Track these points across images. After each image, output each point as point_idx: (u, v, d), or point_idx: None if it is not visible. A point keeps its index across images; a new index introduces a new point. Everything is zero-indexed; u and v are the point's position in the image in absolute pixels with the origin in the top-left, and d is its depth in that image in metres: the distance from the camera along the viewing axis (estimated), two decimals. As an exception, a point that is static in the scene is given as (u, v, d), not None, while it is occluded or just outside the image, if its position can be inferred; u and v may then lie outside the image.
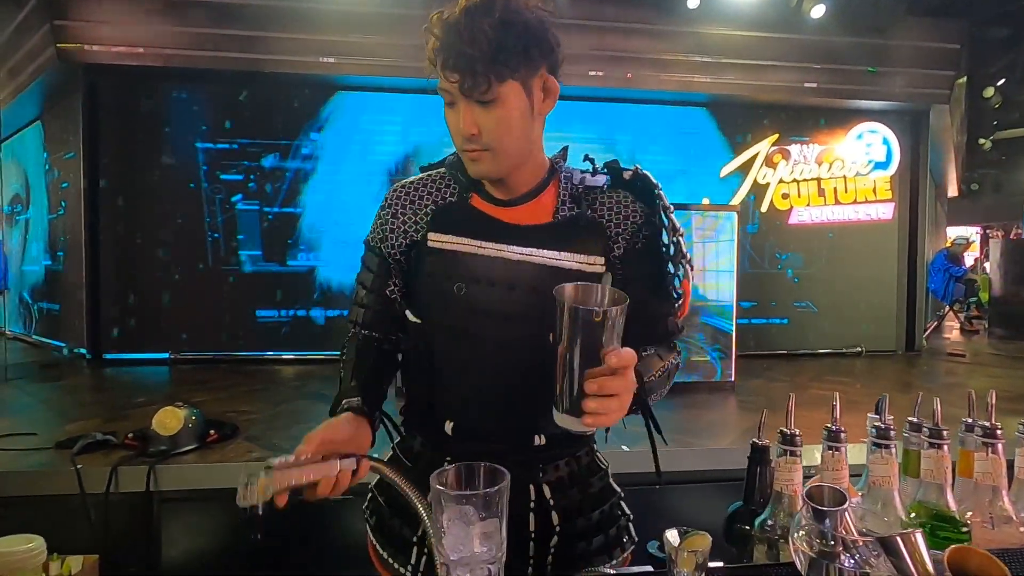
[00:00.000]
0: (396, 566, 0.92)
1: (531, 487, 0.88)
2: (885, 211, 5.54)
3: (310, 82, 4.75)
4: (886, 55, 4.94)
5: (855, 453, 0.80)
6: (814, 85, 5.00)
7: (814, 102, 5.22)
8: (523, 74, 0.81)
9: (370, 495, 1.01)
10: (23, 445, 2.50)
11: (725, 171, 5.31)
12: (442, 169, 0.99)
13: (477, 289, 0.87)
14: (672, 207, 0.93)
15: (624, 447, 2.19)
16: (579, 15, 4.55)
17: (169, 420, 2.39)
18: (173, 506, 2.23)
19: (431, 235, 0.91)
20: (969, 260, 8.60)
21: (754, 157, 5.33)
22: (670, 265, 0.92)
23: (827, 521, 0.64)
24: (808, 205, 5.42)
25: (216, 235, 4.82)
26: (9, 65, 4.91)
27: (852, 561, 0.61)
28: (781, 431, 0.80)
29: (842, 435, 0.80)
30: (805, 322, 5.44)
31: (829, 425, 0.81)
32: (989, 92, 6.80)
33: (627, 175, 0.96)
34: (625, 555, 0.95)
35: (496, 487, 0.59)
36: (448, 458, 0.88)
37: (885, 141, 5.49)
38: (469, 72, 0.78)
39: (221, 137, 4.80)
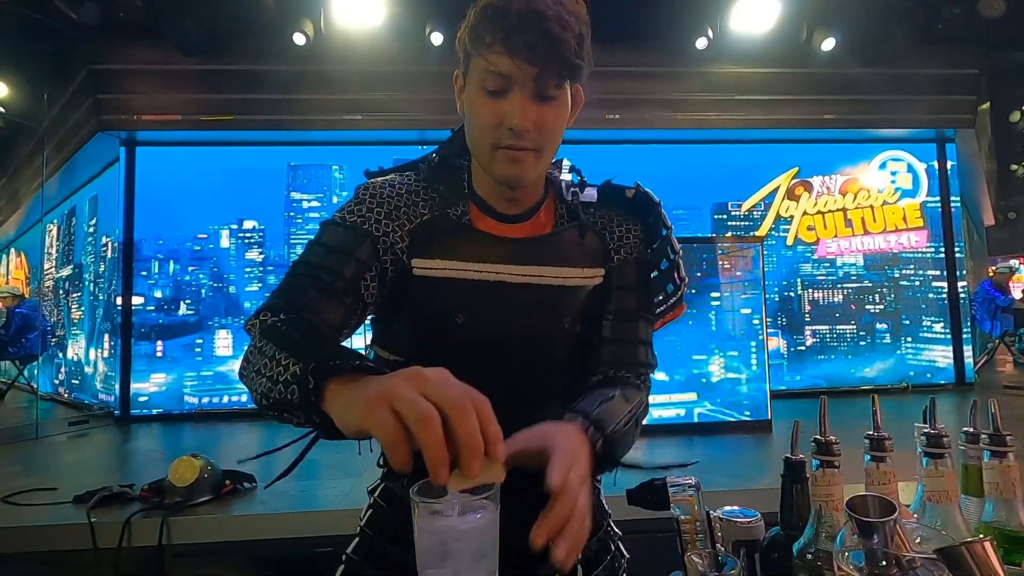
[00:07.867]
0: None
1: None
2: (918, 239, 5.35)
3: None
4: (903, 83, 4.89)
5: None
6: (831, 116, 4.96)
7: (833, 133, 5.16)
8: (581, 76, 0.74)
9: (358, 538, 0.88)
10: (44, 500, 2.47)
11: (746, 206, 5.23)
12: (413, 173, 0.86)
13: (476, 317, 0.80)
14: (672, 227, 0.90)
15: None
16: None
17: (185, 471, 2.34)
18: (184, 561, 2.15)
19: (416, 261, 0.79)
20: (1017, 291, 8.15)
21: (774, 191, 5.25)
22: (670, 285, 0.89)
23: (875, 536, 0.54)
24: (836, 236, 5.27)
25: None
26: (56, 140, 5.20)
27: (910, 582, 0.51)
28: (815, 439, 0.70)
29: (887, 443, 0.70)
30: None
31: (871, 433, 0.71)
32: (1015, 116, 6.64)
33: (629, 193, 0.91)
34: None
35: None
36: None
37: (910, 168, 5.36)
38: (553, 58, 0.68)
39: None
